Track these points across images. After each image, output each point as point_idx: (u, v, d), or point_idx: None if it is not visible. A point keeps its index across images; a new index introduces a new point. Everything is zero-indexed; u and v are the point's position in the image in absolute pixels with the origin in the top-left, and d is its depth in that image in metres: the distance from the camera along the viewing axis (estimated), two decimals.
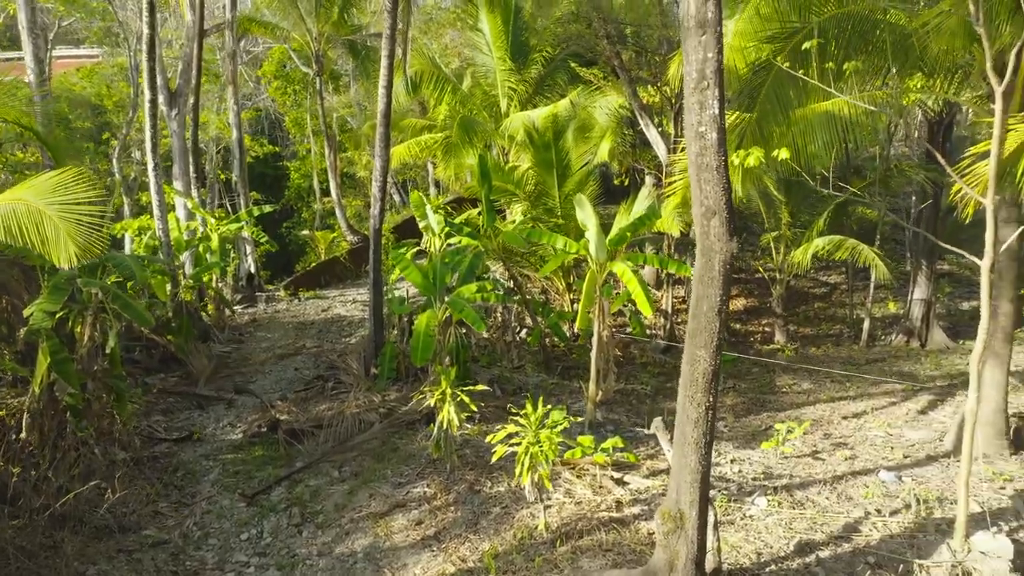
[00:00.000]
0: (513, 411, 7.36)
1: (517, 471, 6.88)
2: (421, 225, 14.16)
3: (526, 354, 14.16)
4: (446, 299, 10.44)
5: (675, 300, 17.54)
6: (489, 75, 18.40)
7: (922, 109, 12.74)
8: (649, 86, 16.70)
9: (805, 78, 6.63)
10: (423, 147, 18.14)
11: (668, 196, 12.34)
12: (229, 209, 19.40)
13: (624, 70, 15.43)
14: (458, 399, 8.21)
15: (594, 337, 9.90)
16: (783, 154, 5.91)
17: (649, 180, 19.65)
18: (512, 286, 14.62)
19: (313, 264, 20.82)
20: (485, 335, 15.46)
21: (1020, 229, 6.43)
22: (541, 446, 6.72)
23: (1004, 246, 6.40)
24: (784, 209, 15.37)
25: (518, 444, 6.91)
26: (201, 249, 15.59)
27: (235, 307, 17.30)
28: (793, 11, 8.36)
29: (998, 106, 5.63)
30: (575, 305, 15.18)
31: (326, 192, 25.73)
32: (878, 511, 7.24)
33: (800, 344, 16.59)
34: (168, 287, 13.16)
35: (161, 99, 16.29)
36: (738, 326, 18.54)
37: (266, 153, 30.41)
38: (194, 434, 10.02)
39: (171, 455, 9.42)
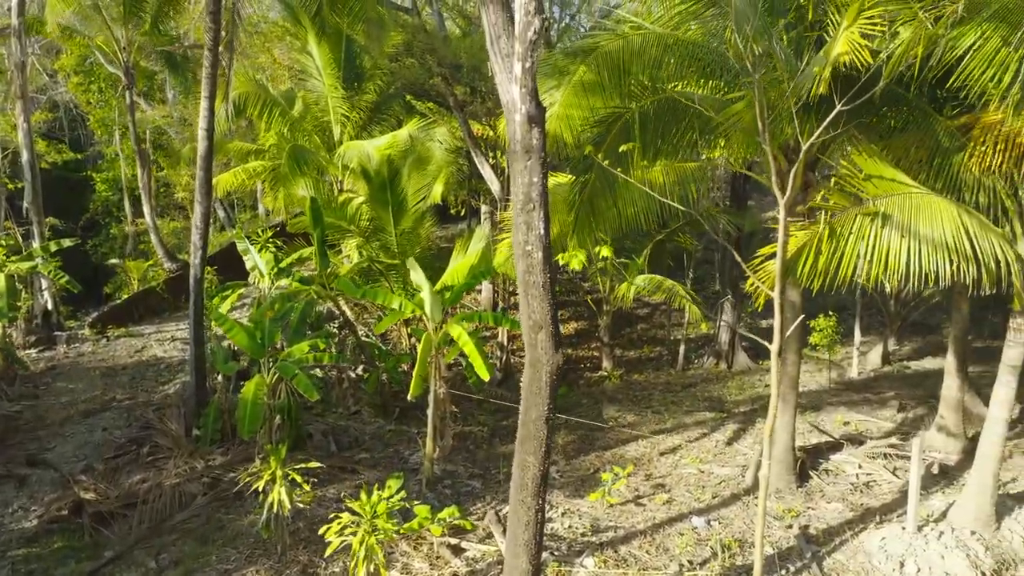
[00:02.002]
0: (347, 503, 7.20)
1: (352, 564, 6.75)
2: (248, 266, 13.42)
3: (363, 395, 13.90)
4: (276, 360, 9.98)
5: (509, 329, 18.05)
6: (321, 100, 17.78)
7: (725, 164, 14.10)
8: (483, 120, 17.03)
9: (626, 177, 7.17)
10: (250, 174, 17.14)
11: (500, 241, 12.68)
12: (19, 238, 17.06)
13: (459, 108, 15.61)
14: (289, 478, 7.90)
15: (430, 395, 9.95)
16: (605, 252, 6.33)
17: (485, 209, 20.05)
18: (346, 320, 14.29)
19: (125, 296, 18.90)
20: (320, 374, 15.01)
21: (802, 317, 7.33)
22: (377, 535, 6.64)
23: (790, 330, 7.27)
24: (608, 248, 16.30)
25: (353, 534, 6.78)
26: None
27: (28, 351, 15.35)
28: (615, 92, 8.91)
29: (782, 215, 6.38)
30: (413, 339, 15.12)
31: (138, 204, 23.28)
32: (690, 562, 7.95)
33: (625, 370, 17.72)
34: None
35: None
36: (570, 351, 19.44)
37: (65, 160, 27.19)
38: None
39: None
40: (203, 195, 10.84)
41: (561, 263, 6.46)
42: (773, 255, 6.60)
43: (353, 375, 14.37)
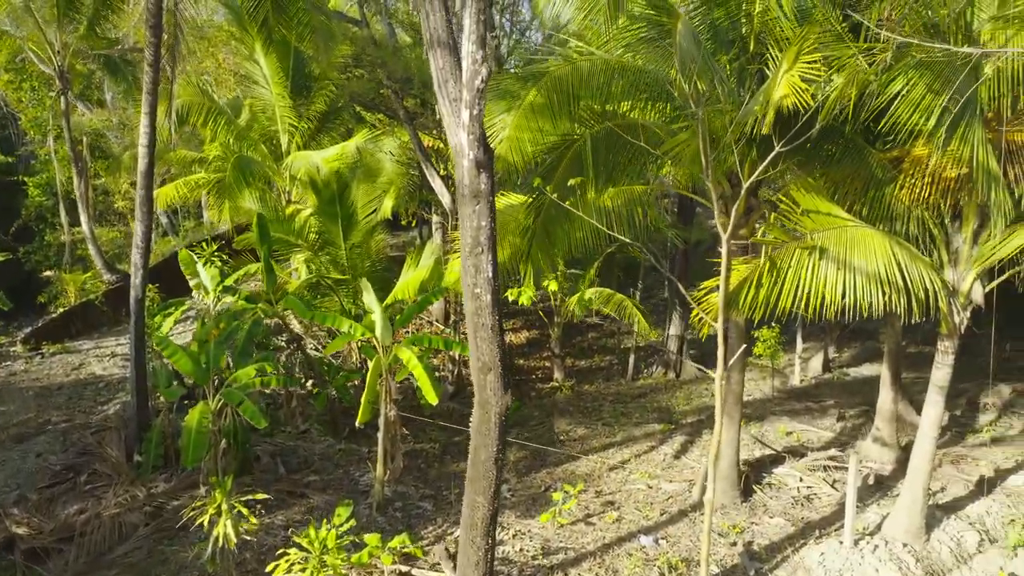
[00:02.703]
0: (296, 537, 7.11)
1: None
2: (192, 283, 13.06)
3: (312, 412, 13.69)
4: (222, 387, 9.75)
5: (462, 339, 18.02)
6: (268, 109, 17.42)
7: (673, 185, 14.36)
8: (433, 133, 16.97)
9: (578, 212, 7.31)
10: (193, 187, 16.68)
11: (450, 260, 12.66)
12: None
13: (409, 121, 15.52)
14: (235, 510, 7.74)
15: (380, 418, 9.88)
16: (552, 286, 6.41)
17: (436, 220, 19.97)
18: (294, 335, 14.07)
19: (61, 309, 18.16)
20: (268, 391, 14.73)
21: (743, 347, 7.54)
22: (326, 571, 6.58)
23: (734, 359, 7.48)
24: (556, 283, 16.41)
25: (303, 570, 6.70)
26: None
27: None
28: (565, 116, 9.01)
29: (724, 249, 6.57)
30: (363, 355, 14.98)
31: (75, 211, 22.21)
32: None
33: (576, 381, 17.88)
34: None
35: None
36: (521, 361, 19.53)
37: None
38: None
39: None
40: (144, 213, 10.52)
41: (511, 299, 6.53)
42: (717, 288, 6.78)
43: (302, 391, 14.15)
